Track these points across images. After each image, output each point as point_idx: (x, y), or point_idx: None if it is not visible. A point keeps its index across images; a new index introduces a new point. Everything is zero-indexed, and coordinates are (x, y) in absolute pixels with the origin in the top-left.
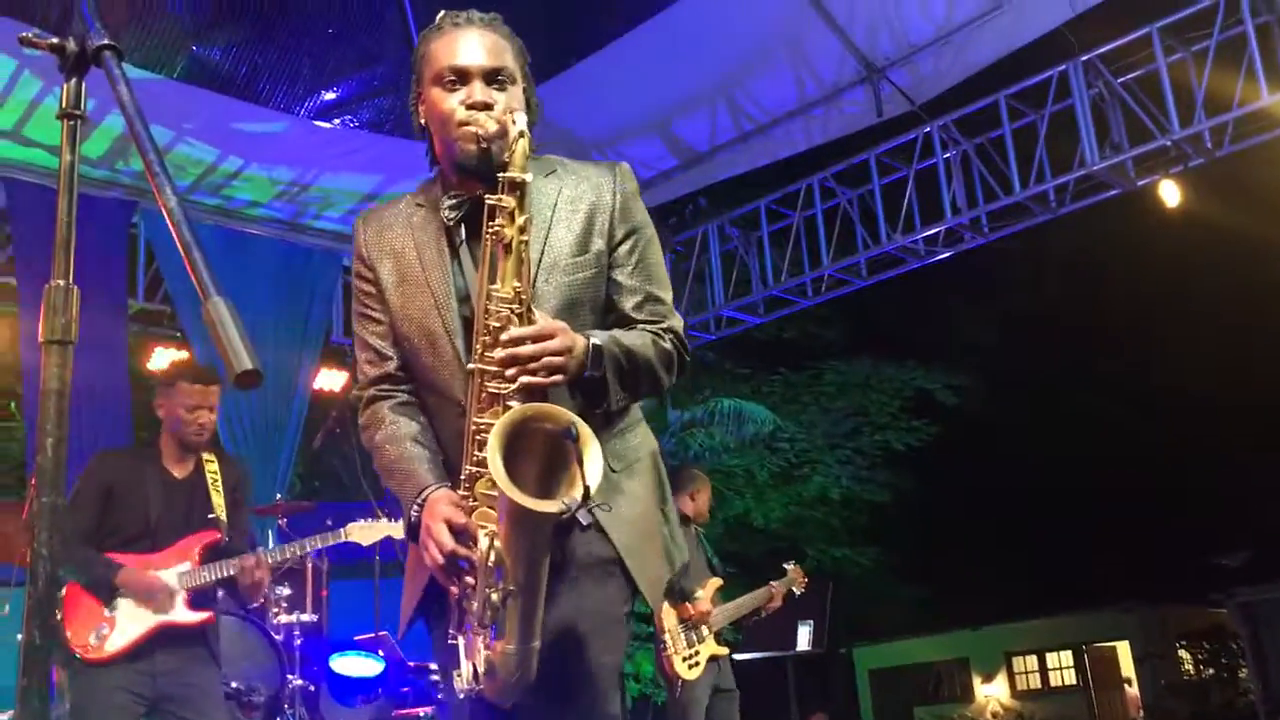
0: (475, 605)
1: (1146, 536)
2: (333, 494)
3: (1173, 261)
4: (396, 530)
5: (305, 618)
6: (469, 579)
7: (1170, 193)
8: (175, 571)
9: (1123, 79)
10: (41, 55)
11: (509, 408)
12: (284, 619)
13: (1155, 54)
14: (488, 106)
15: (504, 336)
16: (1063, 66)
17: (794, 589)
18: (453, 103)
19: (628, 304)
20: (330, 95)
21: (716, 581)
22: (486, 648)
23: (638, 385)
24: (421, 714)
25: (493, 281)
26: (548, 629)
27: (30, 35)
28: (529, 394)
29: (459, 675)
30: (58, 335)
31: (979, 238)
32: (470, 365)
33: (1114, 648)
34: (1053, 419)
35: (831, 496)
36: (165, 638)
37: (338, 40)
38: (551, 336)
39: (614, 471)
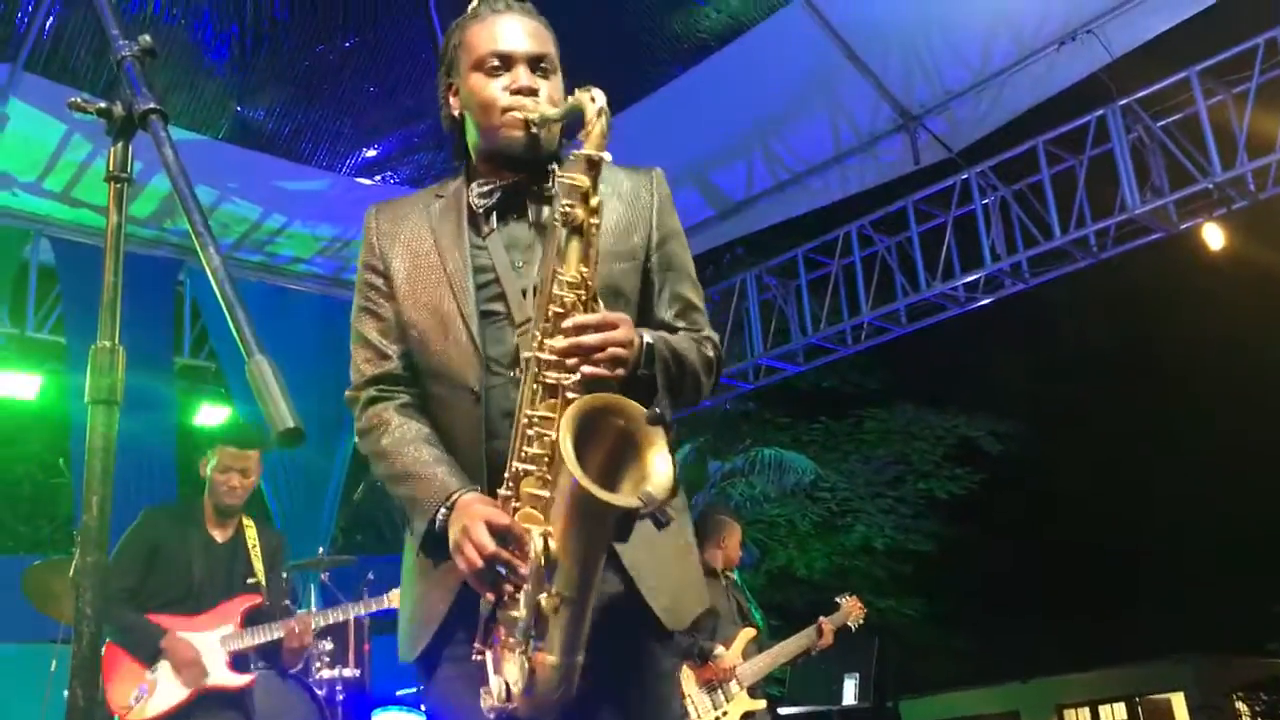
0: (521, 612)
1: (1201, 585)
2: (374, 547)
3: (1220, 304)
4: None
5: (348, 673)
6: (508, 586)
7: (1214, 235)
8: (218, 634)
9: (1162, 122)
10: (90, 119)
11: (568, 400)
12: (326, 674)
13: (1195, 96)
14: (534, 92)
15: (567, 323)
16: (1101, 111)
17: (849, 624)
18: (496, 88)
19: (668, 312)
20: (371, 153)
21: (749, 633)
22: (529, 660)
23: (682, 390)
24: None
25: (559, 266)
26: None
27: (79, 100)
28: (589, 386)
29: (487, 693)
30: (104, 396)
31: (1019, 283)
32: (526, 354)
33: (1169, 699)
34: (1100, 466)
35: (875, 546)
36: (205, 701)
37: (379, 100)
38: (615, 326)
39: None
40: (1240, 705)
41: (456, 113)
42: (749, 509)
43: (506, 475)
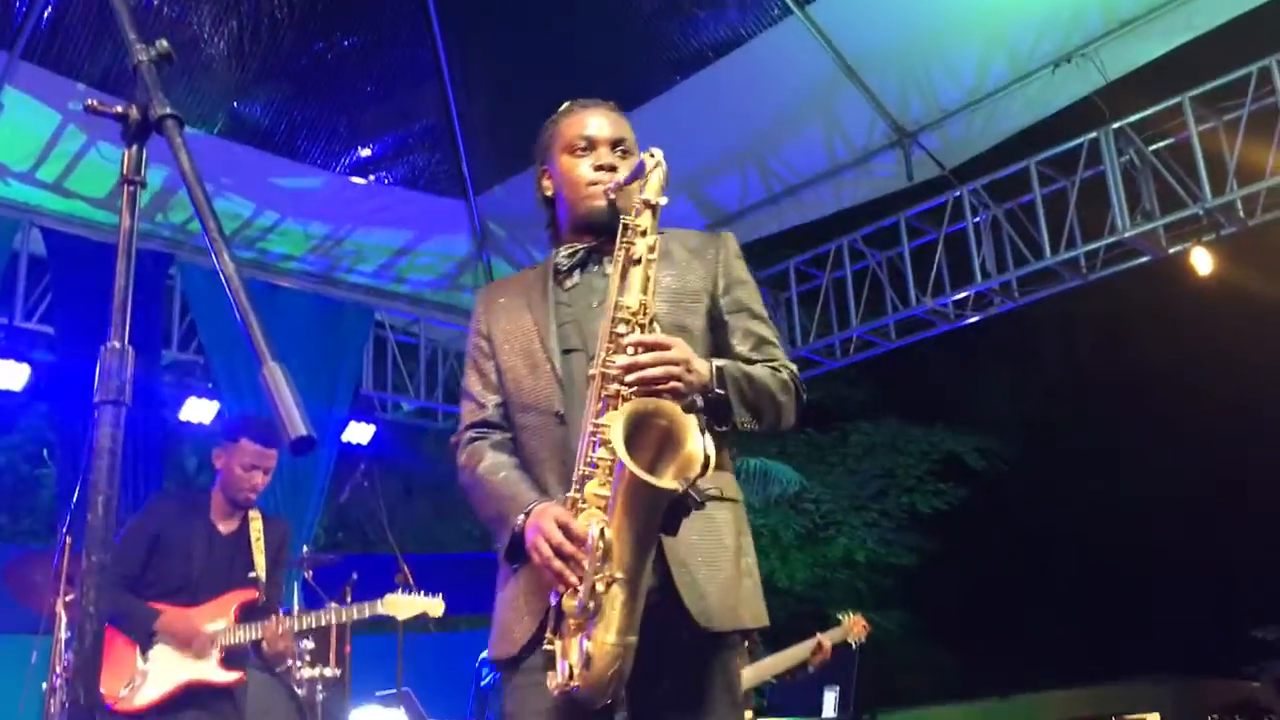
0: (580, 594)
1: (1180, 607)
2: (358, 547)
3: (1205, 329)
4: (434, 607)
5: (328, 672)
6: (572, 578)
7: (1202, 260)
8: (212, 628)
9: (1154, 147)
10: (84, 110)
11: None
12: (307, 673)
13: (1187, 122)
14: (613, 169)
15: (625, 341)
16: (1094, 134)
17: (850, 640)
18: (583, 167)
19: (743, 346)
20: (366, 152)
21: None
22: (587, 638)
23: (760, 409)
24: None
25: (620, 294)
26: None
27: (95, 103)
28: (645, 397)
29: (553, 675)
30: (112, 396)
31: (1009, 302)
32: (591, 371)
33: None
34: (1082, 485)
35: (857, 559)
36: (195, 695)
37: (375, 99)
38: (669, 347)
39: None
40: None
41: (549, 193)
42: None
43: (574, 479)
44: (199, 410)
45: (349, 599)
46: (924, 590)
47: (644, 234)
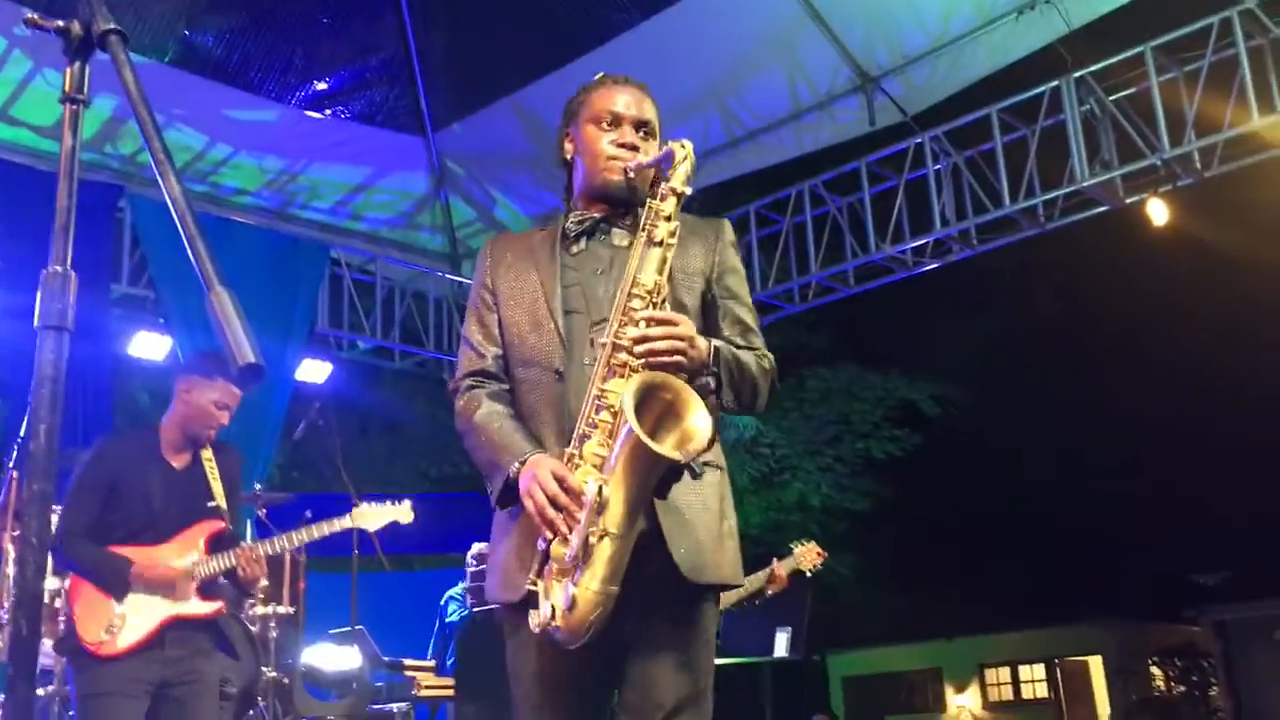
0: (573, 544)
1: (1125, 553)
2: (312, 485)
3: (1159, 280)
4: (403, 514)
5: (282, 610)
6: (563, 526)
7: (1158, 211)
8: (185, 562)
9: (1115, 97)
10: (32, 34)
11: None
12: (260, 610)
13: (1148, 73)
14: (635, 149)
15: (638, 316)
16: (1055, 82)
17: (805, 569)
18: (605, 141)
19: (731, 332)
20: (322, 85)
21: None
22: (574, 584)
23: (741, 392)
24: (395, 709)
25: (637, 273)
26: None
27: (34, 16)
28: (651, 369)
29: (535, 614)
30: (54, 321)
31: (967, 250)
32: (602, 340)
33: (1086, 662)
34: (1034, 433)
35: (811, 504)
36: (176, 628)
37: (331, 31)
38: (677, 324)
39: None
40: (1155, 670)
41: (569, 156)
42: None
43: (574, 436)
44: (149, 345)
45: (319, 522)
46: (876, 535)
47: (668, 219)
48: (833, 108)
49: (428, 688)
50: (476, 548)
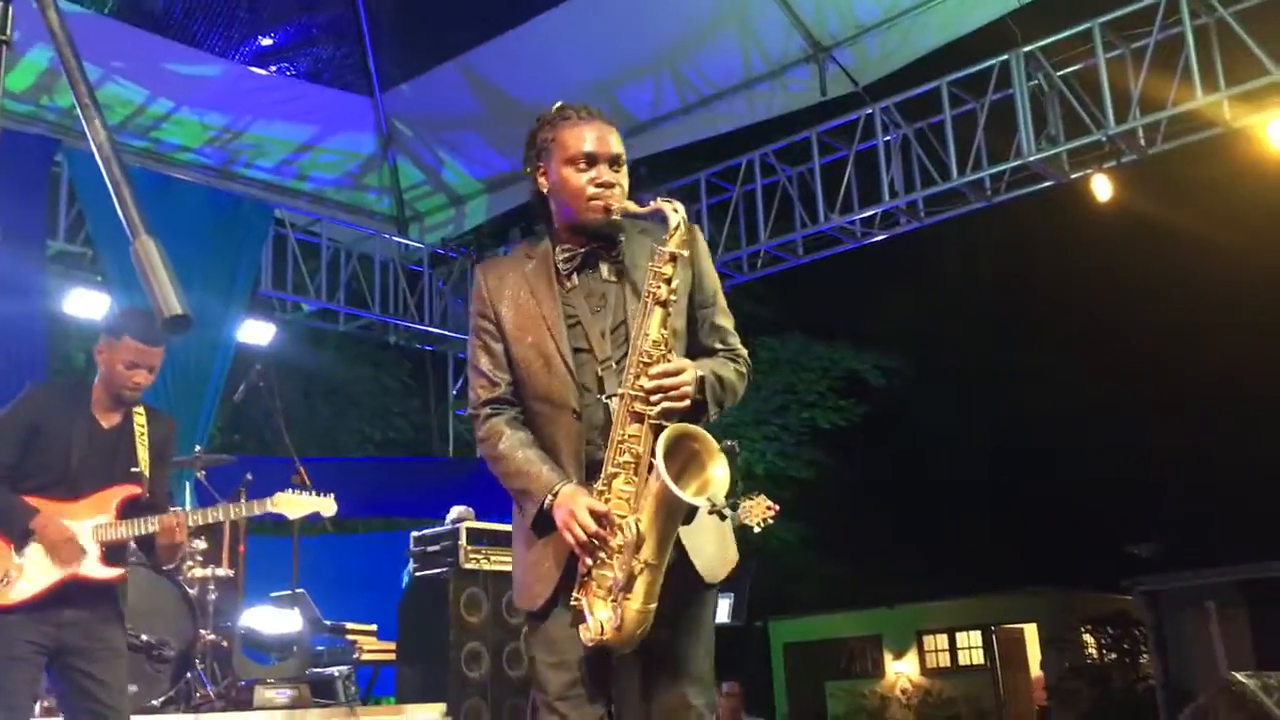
0: (616, 574)
1: (1060, 524)
2: (254, 448)
3: (1101, 255)
4: (325, 506)
5: (221, 572)
6: (601, 554)
7: (1102, 187)
8: (92, 523)
9: (1062, 72)
10: None
11: (653, 423)
12: (198, 573)
13: (1096, 49)
14: (612, 186)
15: (653, 370)
16: (1005, 56)
17: (751, 524)
18: (583, 181)
19: (711, 340)
20: (267, 41)
21: None
22: (619, 606)
23: (724, 404)
24: (336, 673)
25: (646, 329)
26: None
27: None
28: (667, 416)
29: (586, 628)
30: None
31: (915, 221)
32: (620, 391)
33: (1021, 630)
34: (976, 405)
35: (756, 471)
36: (73, 591)
37: None
38: (683, 372)
39: None
40: (1087, 637)
41: (545, 190)
42: None
43: (602, 475)
44: (85, 303)
45: (243, 499)
46: (820, 503)
47: (668, 281)
48: (785, 76)
49: (369, 652)
50: (455, 511)
